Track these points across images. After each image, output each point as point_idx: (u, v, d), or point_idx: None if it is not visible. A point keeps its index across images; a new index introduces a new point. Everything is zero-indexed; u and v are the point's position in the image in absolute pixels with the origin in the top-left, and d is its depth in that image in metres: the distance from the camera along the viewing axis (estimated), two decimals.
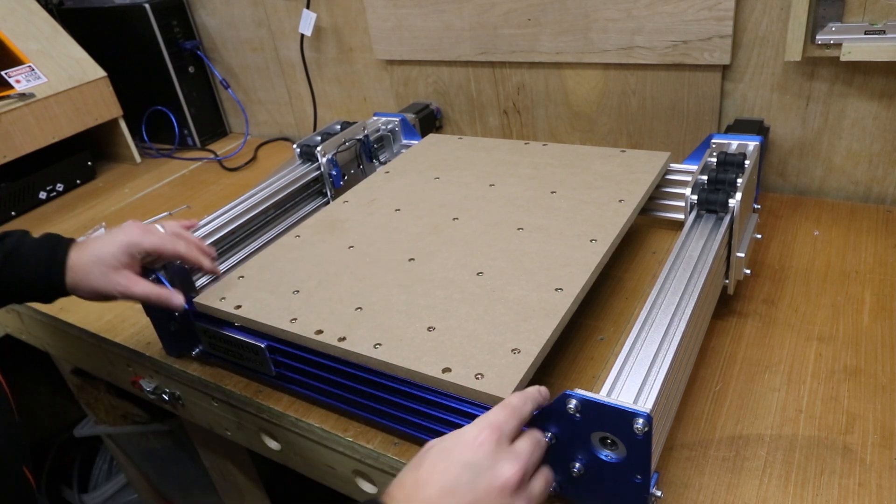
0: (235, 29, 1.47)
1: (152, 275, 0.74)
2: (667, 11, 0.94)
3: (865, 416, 0.61)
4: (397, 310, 0.65)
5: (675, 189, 0.86)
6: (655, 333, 0.57)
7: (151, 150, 1.57)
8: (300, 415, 0.72)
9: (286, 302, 0.70)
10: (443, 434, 0.60)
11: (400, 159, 1.00)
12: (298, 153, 1.03)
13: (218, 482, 1.21)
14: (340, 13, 1.28)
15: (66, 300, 0.99)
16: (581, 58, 1.05)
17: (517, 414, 0.48)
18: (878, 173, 0.92)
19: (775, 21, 0.88)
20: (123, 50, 1.49)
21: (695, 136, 1.02)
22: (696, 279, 0.63)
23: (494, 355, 0.57)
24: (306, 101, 1.46)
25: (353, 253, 0.77)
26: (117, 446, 1.44)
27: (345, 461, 0.70)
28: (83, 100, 1.38)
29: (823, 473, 0.56)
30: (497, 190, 0.85)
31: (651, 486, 0.50)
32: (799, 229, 0.89)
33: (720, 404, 0.64)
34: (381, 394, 0.63)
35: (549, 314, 0.61)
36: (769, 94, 0.94)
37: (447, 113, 1.27)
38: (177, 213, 1.23)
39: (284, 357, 0.69)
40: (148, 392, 0.91)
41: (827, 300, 0.76)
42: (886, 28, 0.79)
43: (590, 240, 0.71)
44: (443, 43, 1.17)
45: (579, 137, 1.14)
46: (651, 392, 0.51)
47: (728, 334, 0.73)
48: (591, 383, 0.68)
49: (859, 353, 0.68)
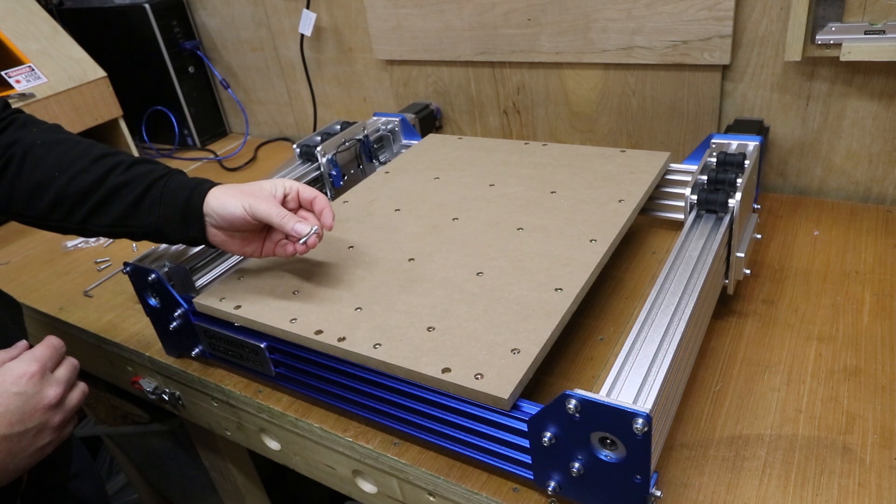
0: (235, 29, 1.47)
1: (152, 274, 0.74)
2: (667, 11, 0.94)
3: (865, 416, 0.61)
4: (397, 310, 0.65)
5: (675, 189, 0.86)
6: (655, 333, 0.57)
7: (151, 150, 1.57)
8: (300, 415, 0.72)
9: (286, 302, 0.70)
10: (443, 434, 0.60)
11: (400, 159, 1.00)
12: (298, 153, 1.03)
13: (218, 482, 1.21)
14: (340, 13, 1.28)
15: (67, 300, 1.00)
16: (581, 58, 1.05)
17: (58, 352, 0.62)
18: (877, 173, 0.92)
19: (775, 21, 0.88)
20: (123, 50, 1.49)
21: (695, 136, 1.03)
22: (696, 279, 0.63)
23: (494, 355, 0.57)
24: (306, 101, 1.46)
25: (353, 253, 0.77)
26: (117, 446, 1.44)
27: (344, 461, 0.70)
28: (83, 100, 1.38)
29: (823, 473, 0.56)
30: (497, 190, 0.85)
31: (651, 486, 0.50)
32: (799, 229, 0.89)
33: (720, 404, 0.64)
34: (380, 394, 0.63)
35: (549, 314, 0.61)
36: (769, 94, 0.94)
37: (447, 113, 1.27)
38: None
39: (284, 357, 0.69)
40: (148, 392, 0.91)
41: (827, 300, 0.76)
42: (886, 28, 0.79)
43: (590, 240, 0.71)
44: (443, 43, 1.17)
45: (579, 137, 1.14)
46: (651, 392, 0.51)
47: (728, 334, 0.73)
48: (591, 383, 0.68)
49: (859, 353, 0.68)
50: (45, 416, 0.58)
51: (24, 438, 0.56)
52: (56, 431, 0.59)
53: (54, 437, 0.59)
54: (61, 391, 0.59)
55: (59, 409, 0.59)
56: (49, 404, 0.58)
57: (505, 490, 0.59)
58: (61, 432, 0.60)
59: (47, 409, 0.58)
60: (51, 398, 0.58)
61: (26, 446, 0.57)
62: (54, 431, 0.59)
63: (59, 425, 0.59)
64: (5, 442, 0.55)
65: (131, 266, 0.76)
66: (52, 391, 0.59)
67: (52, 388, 0.59)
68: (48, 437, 0.58)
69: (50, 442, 0.59)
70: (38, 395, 0.58)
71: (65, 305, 0.98)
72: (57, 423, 0.59)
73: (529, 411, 0.53)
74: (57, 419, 0.59)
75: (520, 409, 0.54)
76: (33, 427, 0.57)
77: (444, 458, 0.63)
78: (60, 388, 0.60)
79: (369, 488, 0.71)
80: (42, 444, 0.58)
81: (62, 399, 0.60)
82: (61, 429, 0.60)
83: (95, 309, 0.97)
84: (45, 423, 0.58)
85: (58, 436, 0.60)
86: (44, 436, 0.58)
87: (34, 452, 0.57)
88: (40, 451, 0.58)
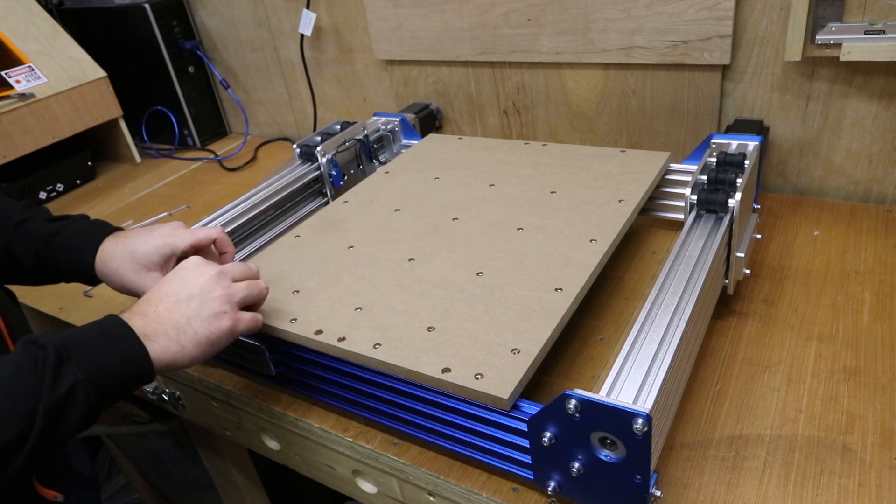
0: (235, 29, 1.47)
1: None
2: (667, 11, 0.94)
3: (865, 416, 0.61)
4: (397, 310, 0.65)
5: (675, 189, 0.86)
6: (655, 333, 0.57)
7: (151, 150, 1.57)
8: (300, 415, 0.72)
9: (286, 302, 0.70)
10: (443, 434, 0.60)
11: (400, 159, 1.00)
12: (298, 153, 1.03)
13: (218, 482, 1.21)
14: (340, 13, 1.28)
15: (66, 300, 1.00)
16: (581, 58, 1.05)
17: (249, 272, 0.64)
18: (877, 173, 0.92)
19: (775, 21, 0.88)
20: (123, 50, 1.49)
21: (695, 136, 1.02)
22: (696, 279, 0.63)
23: (494, 355, 0.57)
24: (306, 101, 1.46)
25: (353, 253, 0.77)
26: (117, 446, 1.44)
27: (344, 461, 0.70)
28: (83, 100, 1.38)
29: (823, 473, 0.56)
30: (497, 190, 0.85)
31: (651, 486, 0.50)
32: (799, 229, 0.89)
33: (720, 404, 0.64)
34: (380, 394, 0.63)
35: (549, 314, 0.61)
36: (769, 94, 0.94)
37: (447, 113, 1.27)
38: (177, 214, 1.23)
39: (284, 357, 0.69)
40: (148, 392, 0.91)
41: (827, 300, 0.76)
42: (886, 28, 0.79)
43: (590, 240, 0.71)
44: (443, 43, 1.17)
45: (579, 137, 1.14)
46: (651, 392, 0.51)
47: (728, 334, 0.73)
48: (591, 383, 0.68)
49: (859, 353, 0.68)
50: (211, 281, 0.59)
51: (192, 302, 0.57)
52: (227, 301, 0.59)
53: (227, 309, 0.59)
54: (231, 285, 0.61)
55: (228, 280, 0.61)
56: (216, 276, 0.60)
57: (505, 490, 0.59)
58: (236, 313, 0.60)
59: (216, 278, 0.59)
60: (220, 277, 0.60)
61: (198, 309, 0.57)
62: (225, 301, 0.59)
63: (230, 296, 0.60)
64: (176, 303, 0.57)
65: None
66: (226, 283, 0.60)
67: (225, 280, 0.60)
68: (219, 304, 0.58)
69: (223, 312, 0.58)
70: (207, 272, 0.60)
71: (65, 305, 0.98)
72: (228, 292, 0.59)
73: (529, 411, 0.53)
74: (227, 286, 0.60)
75: (520, 409, 0.54)
76: (200, 292, 0.58)
77: (444, 458, 0.63)
78: (229, 279, 0.61)
79: (369, 488, 0.71)
80: (215, 310, 0.58)
81: (225, 278, 0.61)
82: (233, 302, 0.60)
83: (95, 309, 0.97)
84: (212, 290, 0.59)
85: (233, 310, 0.59)
86: (214, 302, 0.58)
87: (210, 318, 0.57)
88: (216, 318, 0.58)
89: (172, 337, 0.56)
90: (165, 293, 0.58)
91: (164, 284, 0.59)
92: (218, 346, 0.59)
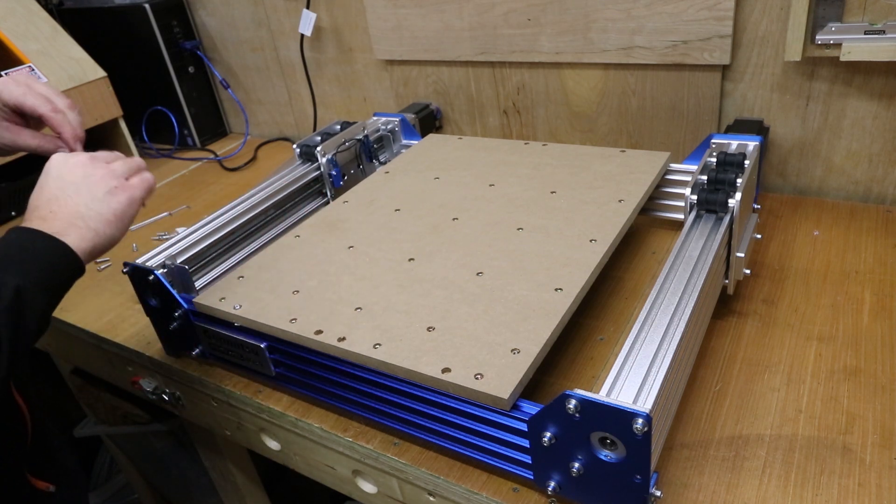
0: (235, 29, 1.47)
1: (151, 274, 0.74)
2: (667, 11, 0.94)
3: (865, 416, 0.61)
4: (397, 310, 0.65)
5: (675, 189, 0.86)
6: (655, 333, 0.57)
7: (151, 150, 1.57)
8: (300, 415, 0.72)
9: (286, 302, 0.70)
10: (443, 434, 0.60)
11: (400, 159, 1.00)
12: (298, 153, 1.03)
13: (218, 482, 1.21)
14: (340, 13, 1.28)
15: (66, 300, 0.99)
16: (581, 58, 1.05)
17: (114, 155, 0.66)
18: (877, 173, 0.92)
19: (775, 21, 0.88)
20: (123, 50, 1.49)
21: (695, 136, 1.03)
22: (696, 279, 0.63)
23: (494, 355, 0.57)
24: (306, 101, 1.46)
25: (353, 253, 0.77)
26: (117, 446, 1.44)
27: (344, 461, 0.70)
28: (83, 100, 1.38)
29: (823, 473, 0.56)
30: (497, 190, 0.85)
31: (650, 486, 0.50)
32: (799, 229, 0.89)
33: (720, 404, 0.64)
34: (380, 394, 0.63)
35: (549, 314, 0.61)
36: (769, 94, 0.94)
37: (447, 113, 1.27)
38: (176, 214, 1.23)
39: (284, 357, 0.69)
40: (148, 392, 0.91)
41: (827, 300, 0.76)
42: (886, 28, 0.79)
43: (589, 240, 0.71)
44: (443, 43, 1.17)
45: (579, 137, 1.14)
46: (650, 392, 0.51)
47: (728, 334, 0.73)
48: (591, 383, 0.68)
49: (859, 353, 0.68)
50: (86, 167, 0.61)
51: (81, 191, 0.60)
52: (112, 176, 0.61)
53: (115, 183, 0.61)
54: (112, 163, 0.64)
55: (101, 161, 0.63)
56: (88, 161, 0.62)
57: (505, 490, 0.59)
58: (126, 183, 0.62)
59: (88, 162, 0.62)
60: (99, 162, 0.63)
61: (89, 195, 0.60)
62: (109, 177, 0.61)
63: (111, 171, 0.62)
64: (65, 186, 0.60)
65: (131, 266, 0.76)
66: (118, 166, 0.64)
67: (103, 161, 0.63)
68: (105, 182, 0.61)
69: (114, 187, 0.61)
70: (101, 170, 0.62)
71: (65, 305, 0.98)
72: (107, 169, 0.62)
73: (529, 411, 0.53)
74: (103, 165, 0.62)
75: (520, 409, 0.54)
76: (82, 179, 0.60)
77: (444, 458, 0.63)
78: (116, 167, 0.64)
79: (369, 488, 0.71)
80: (106, 188, 0.60)
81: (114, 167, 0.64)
82: (118, 176, 0.62)
83: (95, 309, 0.97)
84: (91, 174, 0.61)
85: (121, 182, 0.62)
86: (100, 182, 0.61)
87: (105, 197, 0.60)
88: (111, 194, 0.60)
89: (81, 226, 0.58)
90: (51, 195, 0.60)
91: (42, 190, 0.61)
92: (129, 218, 0.62)
